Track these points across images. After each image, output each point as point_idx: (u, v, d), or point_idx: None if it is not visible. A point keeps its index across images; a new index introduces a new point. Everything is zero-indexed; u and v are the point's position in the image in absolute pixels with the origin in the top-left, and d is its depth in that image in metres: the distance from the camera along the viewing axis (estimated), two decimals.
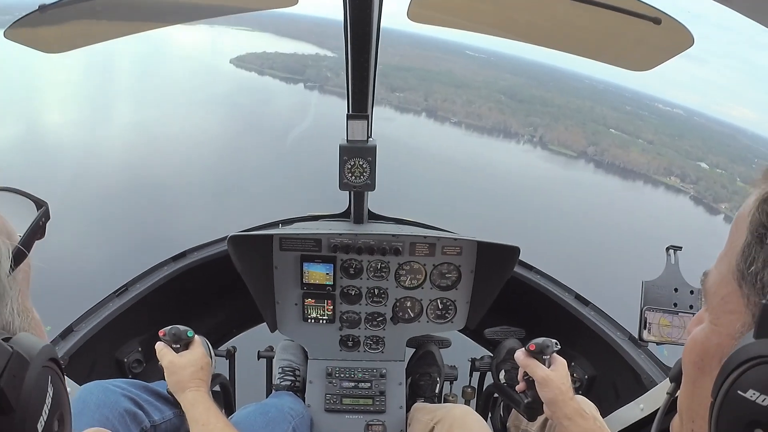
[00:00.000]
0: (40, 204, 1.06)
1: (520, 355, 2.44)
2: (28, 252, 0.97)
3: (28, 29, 2.31)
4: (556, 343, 2.40)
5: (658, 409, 2.62)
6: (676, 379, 1.14)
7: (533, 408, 2.49)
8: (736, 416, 0.79)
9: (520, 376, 2.53)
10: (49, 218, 1.06)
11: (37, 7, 2.15)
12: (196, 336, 2.57)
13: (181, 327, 2.52)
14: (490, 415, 3.61)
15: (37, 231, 1.02)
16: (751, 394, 0.76)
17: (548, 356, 2.38)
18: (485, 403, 3.65)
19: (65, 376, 2.57)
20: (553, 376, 2.31)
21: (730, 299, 0.89)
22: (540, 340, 2.38)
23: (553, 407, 2.27)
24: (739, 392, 0.78)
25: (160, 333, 2.52)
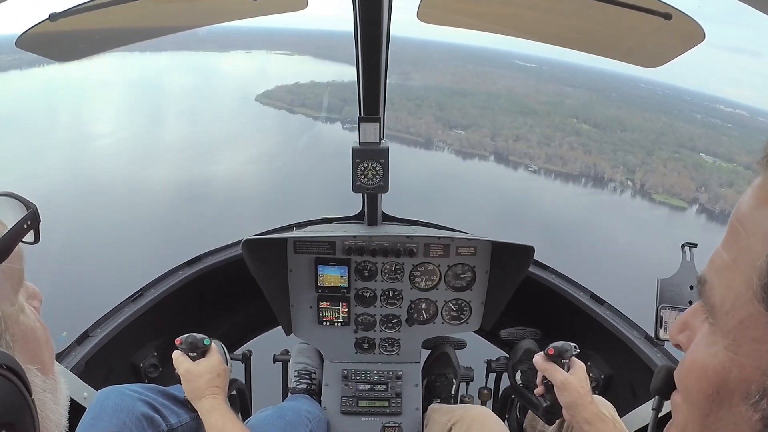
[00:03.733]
0: (28, 207, 1.05)
1: (538, 359, 2.42)
2: (7, 255, 0.94)
3: (38, 37, 2.33)
4: (575, 347, 2.38)
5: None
6: (664, 394, 1.05)
7: (552, 412, 2.48)
8: None
9: (538, 380, 2.52)
10: (39, 221, 1.04)
11: (48, 16, 2.17)
12: (213, 343, 2.58)
13: (198, 335, 2.53)
14: (506, 416, 3.60)
15: (20, 234, 0.99)
16: None
17: (567, 360, 2.37)
18: (502, 405, 3.64)
19: (84, 382, 2.57)
20: (572, 380, 2.30)
21: (753, 324, 0.73)
22: (559, 343, 2.37)
23: (573, 411, 2.26)
24: None
25: (177, 341, 2.53)
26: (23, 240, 1.01)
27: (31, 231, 1.04)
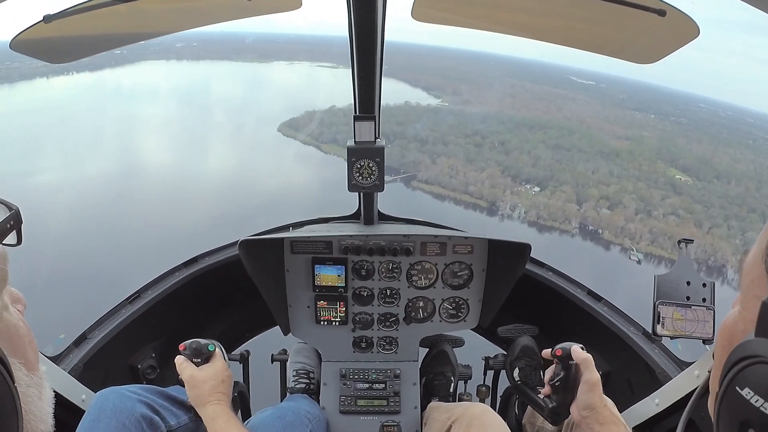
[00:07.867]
0: (10, 208, 1.06)
1: (577, 349, 2.31)
2: None
3: (32, 39, 2.32)
4: (581, 348, 2.33)
5: (674, 402, 2.61)
6: None
7: (557, 413, 2.42)
8: (733, 412, 0.79)
9: (546, 380, 2.47)
10: (21, 222, 1.06)
11: (42, 18, 2.17)
12: (217, 349, 2.58)
13: (202, 341, 2.54)
14: (506, 413, 3.60)
15: (1, 234, 1.02)
16: (746, 393, 0.76)
17: (574, 361, 2.32)
18: (504, 403, 3.64)
19: (82, 384, 2.57)
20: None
21: (757, 283, 0.87)
22: (567, 345, 2.28)
23: (591, 411, 2.21)
24: (737, 388, 0.78)
25: (181, 347, 2.53)
26: (5, 243, 1.03)
27: (14, 232, 1.05)
